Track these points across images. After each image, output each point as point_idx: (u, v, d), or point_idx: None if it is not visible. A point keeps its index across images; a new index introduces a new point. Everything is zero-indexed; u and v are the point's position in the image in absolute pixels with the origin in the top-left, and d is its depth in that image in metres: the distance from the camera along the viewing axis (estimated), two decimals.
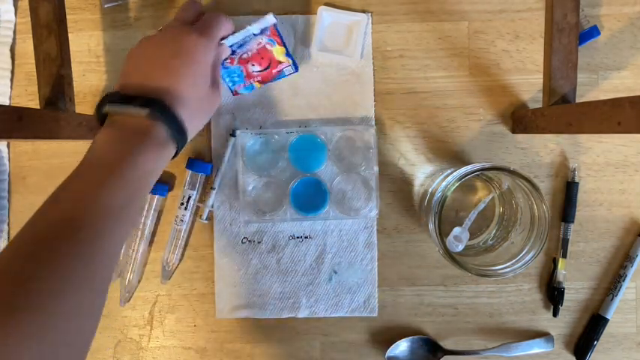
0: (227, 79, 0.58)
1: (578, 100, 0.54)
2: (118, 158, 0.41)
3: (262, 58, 0.55)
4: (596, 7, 0.61)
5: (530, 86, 0.61)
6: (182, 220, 0.60)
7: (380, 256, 0.61)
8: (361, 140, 0.60)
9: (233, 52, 0.55)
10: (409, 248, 0.61)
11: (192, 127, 0.48)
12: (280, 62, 0.57)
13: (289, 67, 0.58)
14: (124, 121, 0.44)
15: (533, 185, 0.52)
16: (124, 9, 0.61)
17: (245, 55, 0.55)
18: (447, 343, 0.61)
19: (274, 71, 0.58)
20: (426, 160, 0.61)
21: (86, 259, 0.37)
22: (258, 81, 0.58)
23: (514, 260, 0.54)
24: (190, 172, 0.60)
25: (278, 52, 0.57)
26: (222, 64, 0.57)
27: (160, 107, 0.44)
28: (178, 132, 0.45)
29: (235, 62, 0.56)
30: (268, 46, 0.56)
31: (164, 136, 0.44)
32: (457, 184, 0.52)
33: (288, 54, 0.57)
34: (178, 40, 0.48)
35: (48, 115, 0.50)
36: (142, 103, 0.43)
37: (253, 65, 0.55)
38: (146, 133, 0.43)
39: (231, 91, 0.59)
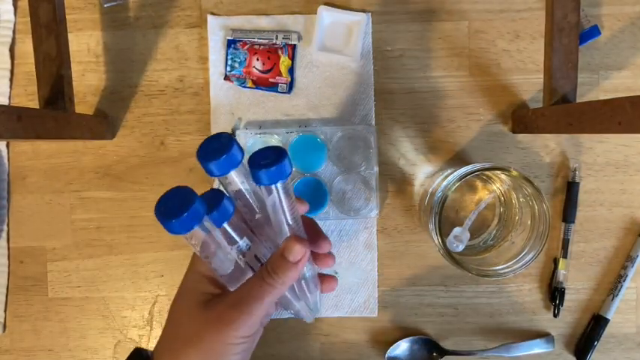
0: (229, 61, 0.58)
1: (578, 99, 0.54)
2: None
3: (269, 59, 0.56)
4: (597, 7, 0.61)
5: (530, 86, 0.61)
6: None
7: (380, 256, 0.61)
8: (361, 140, 0.60)
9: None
10: (409, 248, 0.61)
11: None
12: (280, 74, 0.58)
13: (284, 85, 0.59)
14: None
15: (534, 185, 0.52)
16: (123, 9, 0.61)
17: (257, 46, 0.54)
18: (447, 344, 0.61)
19: (271, 80, 0.58)
20: (426, 160, 0.61)
21: None
22: (253, 80, 0.58)
23: (514, 260, 0.54)
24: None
25: (284, 63, 0.57)
26: (234, 45, 0.58)
27: None
28: None
29: (246, 47, 0.56)
30: (280, 52, 0.57)
31: None
32: (457, 184, 0.52)
33: (291, 71, 0.58)
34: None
35: (47, 115, 0.49)
36: None
37: (258, 60, 0.55)
38: None
39: (225, 75, 0.59)
